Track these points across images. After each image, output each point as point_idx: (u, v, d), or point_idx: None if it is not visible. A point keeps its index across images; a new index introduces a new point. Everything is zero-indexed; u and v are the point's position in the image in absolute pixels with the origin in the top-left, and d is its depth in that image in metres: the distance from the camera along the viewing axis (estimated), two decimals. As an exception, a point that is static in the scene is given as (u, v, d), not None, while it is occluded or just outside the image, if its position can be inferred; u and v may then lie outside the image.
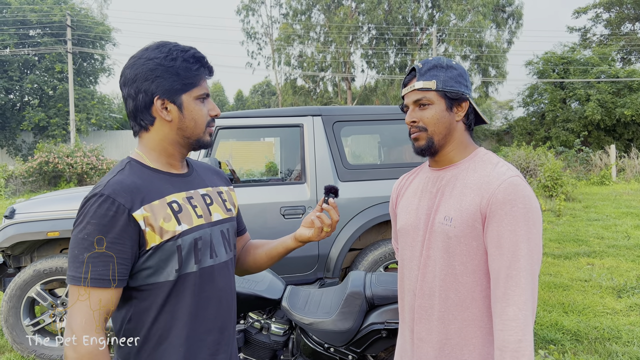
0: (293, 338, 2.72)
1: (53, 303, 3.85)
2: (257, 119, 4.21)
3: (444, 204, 1.44)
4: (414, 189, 1.60)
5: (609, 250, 7.01)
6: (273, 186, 4.54)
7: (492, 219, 1.31)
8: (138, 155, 1.34)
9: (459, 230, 1.37)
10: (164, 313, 1.26)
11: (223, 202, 1.47)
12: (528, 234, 1.28)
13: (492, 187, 1.33)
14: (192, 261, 1.28)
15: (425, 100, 1.45)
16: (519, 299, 1.25)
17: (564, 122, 22.92)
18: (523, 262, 1.26)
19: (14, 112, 26.16)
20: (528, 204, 1.30)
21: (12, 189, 16.59)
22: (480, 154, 1.48)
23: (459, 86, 1.45)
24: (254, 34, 33.04)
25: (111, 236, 1.16)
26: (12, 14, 25.15)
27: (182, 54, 1.29)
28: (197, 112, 1.32)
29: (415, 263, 1.51)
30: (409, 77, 1.51)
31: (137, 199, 1.21)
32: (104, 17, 32.50)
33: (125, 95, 1.31)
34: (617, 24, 29.90)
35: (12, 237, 3.77)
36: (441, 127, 1.45)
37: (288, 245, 1.55)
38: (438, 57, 1.49)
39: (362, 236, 4.38)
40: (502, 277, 1.28)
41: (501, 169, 1.38)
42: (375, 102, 32.06)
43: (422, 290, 1.47)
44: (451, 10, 28.55)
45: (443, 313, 1.42)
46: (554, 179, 12.61)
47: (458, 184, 1.43)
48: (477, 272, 1.37)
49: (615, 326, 4.21)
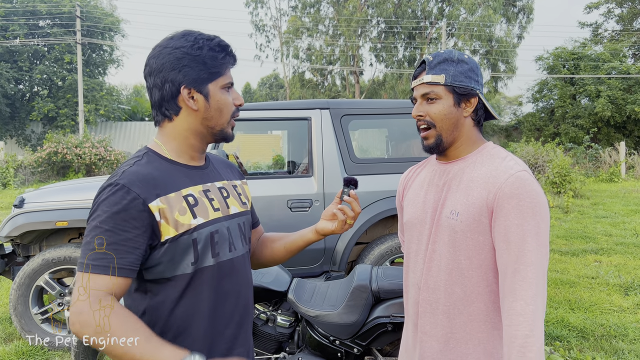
0: (299, 330, 2.73)
1: (61, 292, 3.88)
2: (265, 111, 4.21)
3: (450, 198, 1.42)
4: (420, 181, 1.59)
5: (616, 248, 6.97)
6: (280, 179, 4.55)
7: (499, 214, 1.30)
8: (157, 145, 1.33)
9: (465, 224, 1.36)
10: (181, 307, 1.24)
11: (238, 196, 1.46)
12: (536, 228, 1.27)
13: (499, 181, 1.32)
14: (209, 255, 1.27)
15: (433, 95, 1.43)
16: (526, 293, 1.24)
17: (574, 119, 22.75)
18: (530, 257, 1.25)
19: (24, 102, 26.33)
20: (535, 199, 1.28)
21: (21, 178, 16.73)
22: (488, 148, 1.46)
23: (468, 81, 1.42)
24: (263, 26, 32.95)
25: (124, 224, 1.14)
26: (22, 5, 25.25)
27: (208, 42, 1.28)
28: (223, 102, 1.31)
29: (420, 257, 1.50)
30: (419, 69, 1.49)
31: (153, 190, 1.20)
32: (113, 8, 32.54)
33: (151, 85, 1.29)
34: (629, 19, 29.54)
35: (21, 226, 3.81)
36: (448, 122, 1.43)
37: (309, 238, 1.55)
38: (449, 50, 1.47)
39: (369, 230, 4.38)
40: (510, 272, 1.27)
41: (509, 163, 1.36)
42: (383, 96, 31.95)
43: (427, 284, 1.46)
44: (461, 4, 28.33)
45: (448, 307, 1.41)
46: (563, 176, 12.53)
47: (465, 178, 1.42)
48: (483, 266, 1.36)
49: (622, 324, 4.20)
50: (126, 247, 1.14)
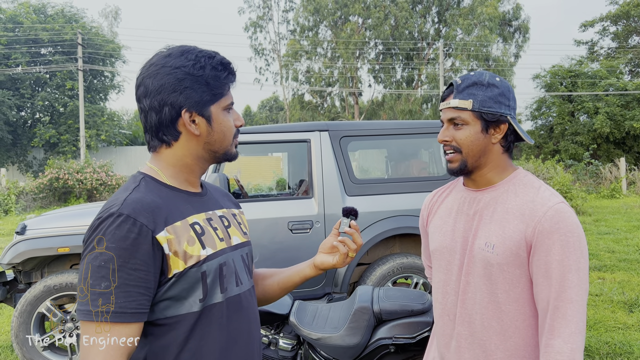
0: (301, 353, 2.71)
1: (63, 318, 3.86)
2: (265, 134, 4.24)
3: (483, 228, 1.38)
4: (447, 208, 1.53)
5: (620, 265, 6.93)
6: (281, 201, 4.56)
7: (540, 248, 1.26)
8: (152, 170, 1.20)
9: (501, 257, 1.31)
10: (187, 351, 1.09)
11: (239, 225, 1.35)
12: (577, 264, 1.23)
13: (537, 214, 1.28)
14: (217, 290, 1.14)
15: (459, 120, 1.38)
16: (565, 330, 1.21)
17: (573, 135, 22.83)
18: (571, 293, 1.22)
19: (25, 128, 26.52)
20: (576, 233, 1.25)
21: (22, 205, 16.74)
22: (520, 176, 1.41)
23: (498, 107, 1.36)
24: (262, 50, 33.37)
25: (134, 262, 1.00)
26: (25, 33, 25.61)
27: (210, 60, 1.17)
28: (225, 124, 1.21)
29: (452, 287, 1.45)
30: (448, 91, 1.43)
31: (160, 219, 1.07)
32: (114, 35, 33.01)
33: (147, 108, 1.15)
34: (624, 36, 29.87)
35: (23, 252, 3.81)
36: (475, 149, 1.37)
37: (306, 274, 1.41)
38: (480, 73, 1.41)
39: (370, 251, 4.38)
40: (551, 309, 1.24)
41: (544, 193, 1.32)
42: (382, 116, 32.14)
43: (462, 317, 1.41)
44: (457, 25, 28.71)
45: (485, 342, 1.37)
46: (564, 193, 12.54)
47: (499, 209, 1.37)
48: (520, 300, 1.32)
49: (627, 341, 4.16)
50: (138, 289, 1.01)
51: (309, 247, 3.99)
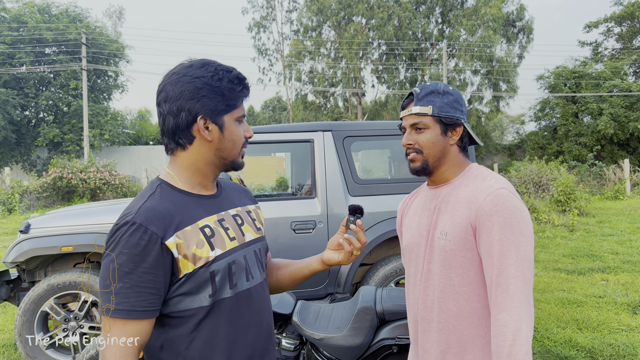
0: (304, 353, 2.71)
1: (66, 317, 3.88)
2: (268, 134, 4.25)
3: (440, 220, 1.51)
4: (415, 207, 1.68)
5: (623, 266, 6.91)
6: (284, 201, 4.56)
7: (482, 230, 1.38)
8: (169, 175, 1.32)
9: (453, 243, 1.44)
10: (198, 340, 1.22)
11: (253, 222, 1.45)
12: (516, 242, 1.34)
13: (479, 200, 1.41)
14: (227, 286, 1.26)
15: (421, 125, 1.52)
16: (508, 304, 1.31)
17: (577, 137, 22.79)
18: (511, 270, 1.32)
19: (29, 128, 26.58)
20: (513, 214, 1.36)
21: (26, 204, 16.79)
22: (472, 169, 1.55)
23: (454, 112, 1.52)
24: (265, 50, 33.38)
25: (144, 266, 1.14)
26: (29, 33, 25.67)
27: (228, 74, 1.28)
28: (236, 134, 1.32)
29: (418, 278, 1.58)
30: (407, 100, 1.58)
31: (170, 226, 1.19)
32: (118, 34, 33.07)
33: (165, 112, 1.27)
34: (629, 38, 29.78)
35: (27, 251, 3.82)
36: (436, 150, 1.52)
37: (314, 267, 1.54)
38: (435, 83, 1.56)
39: (373, 251, 4.38)
40: (494, 285, 1.35)
41: (489, 182, 1.45)
42: (385, 117, 32.11)
43: (425, 303, 1.53)
44: (461, 26, 28.65)
45: (442, 324, 1.48)
46: (567, 194, 12.50)
47: (451, 200, 1.50)
48: (474, 282, 1.43)
49: (630, 343, 4.14)
50: (149, 289, 1.14)
51: (312, 247, 3.99)
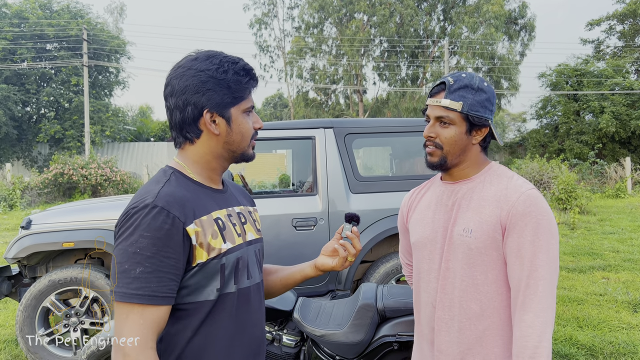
0: (304, 350, 2.72)
1: (67, 313, 3.88)
2: (270, 131, 4.24)
3: (461, 217, 1.46)
4: (427, 202, 1.61)
5: (624, 264, 6.91)
6: (285, 198, 4.56)
7: (513, 230, 1.36)
8: (180, 166, 1.29)
9: (480, 241, 1.40)
10: (199, 335, 1.19)
11: (254, 222, 1.43)
12: (547, 245, 1.32)
13: (512, 199, 1.37)
14: (232, 281, 1.24)
15: (447, 119, 1.44)
16: (537, 306, 1.29)
17: (578, 135, 22.74)
18: (542, 271, 1.31)
19: (31, 124, 26.59)
20: (547, 216, 1.34)
21: (27, 200, 16.81)
22: (494, 167, 1.51)
23: (484, 111, 1.44)
24: (267, 47, 33.34)
25: (167, 250, 1.10)
26: (30, 29, 25.66)
27: (233, 66, 1.25)
28: (244, 126, 1.28)
29: (433, 275, 1.52)
30: (438, 88, 1.48)
31: (190, 212, 1.16)
32: (119, 31, 33.04)
33: (172, 106, 1.25)
34: (631, 35, 29.68)
35: (28, 247, 3.83)
36: (457, 148, 1.46)
37: (307, 273, 1.51)
38: (471, 75, 1.47)
39: (374, 248, 4.38)
40: (522, 286, 1.33)
41: (517, 181, 1.42)
42: (387, 114, 32.08)
43: (442, 302, 1.48)
44: (463, 23, 28.60)
45: (464, 324, 1.44)
46: (568, 192, 12.48)
47: (475, 197, 1.46)
48: (498, 281, 1.41)
49: (631, 341, 4.15)
50: (169, 275, 1.10)
51: (313, 244, 3.99)
